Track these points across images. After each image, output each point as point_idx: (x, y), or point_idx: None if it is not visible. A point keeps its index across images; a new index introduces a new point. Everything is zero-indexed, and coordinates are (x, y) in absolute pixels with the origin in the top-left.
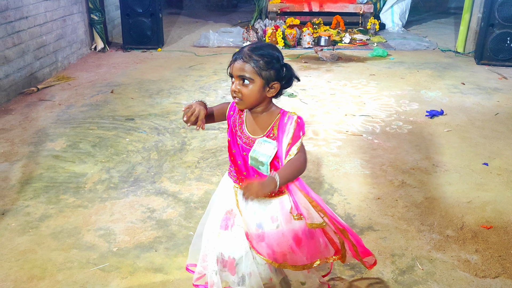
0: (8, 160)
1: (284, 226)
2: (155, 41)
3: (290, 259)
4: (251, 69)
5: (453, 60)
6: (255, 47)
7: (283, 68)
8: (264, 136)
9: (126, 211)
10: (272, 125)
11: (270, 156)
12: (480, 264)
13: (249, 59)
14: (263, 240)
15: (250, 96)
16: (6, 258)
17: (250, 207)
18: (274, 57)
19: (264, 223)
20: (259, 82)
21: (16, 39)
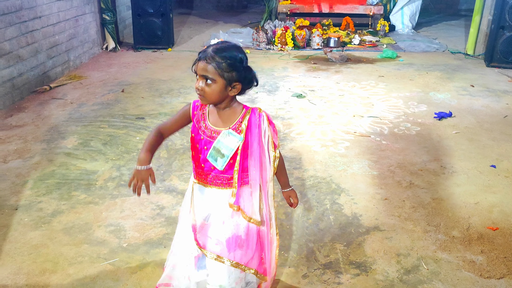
0: (21, 157)
1: (229, 218)
2: (165, 41)
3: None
4: (214, 71)
5: (463, 62)
6: (220, 48)
7: (245, 71)
8: (230, 129)
9: (136, 208)
10: (238, 119)
11: (233, 150)
12: (485, 265)
13: (212, 60)
14: (204, 228)
15: (212, 95)
16: (19, 252)
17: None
18: (237, 59)
19: (213, 213)
20: (221, 83)
21: (29, 39)
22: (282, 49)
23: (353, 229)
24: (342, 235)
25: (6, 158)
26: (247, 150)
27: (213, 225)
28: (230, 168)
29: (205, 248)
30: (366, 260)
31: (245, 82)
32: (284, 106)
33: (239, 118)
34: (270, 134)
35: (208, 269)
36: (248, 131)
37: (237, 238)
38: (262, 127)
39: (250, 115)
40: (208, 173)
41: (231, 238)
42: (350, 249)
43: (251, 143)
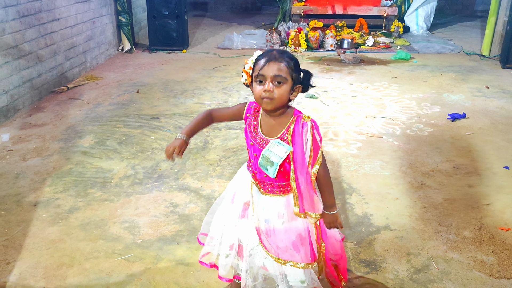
0: (40, 155)
1: (288, 223)
2: (180, 43)
3: (292, 256)
4: (286, 70)
5: (478, 64)
6: (282, 50)
7: (305, 73)
8: (278, 138)
9: (150, 206)
10: (286, 128)
11: (282, 158)
12: (496, 265)
13: (283, 60)
14: (270, 235)
15: (282, 97)
16: (37, 247)
17: (261, 203)
18: (298, 62)
19: (272, 219)
20: (290, 83)
21: (48, 40)
22: (296, 50)
23: (363, 228)
24: (353, 234)
25: (25, 156)
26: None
27: (275, 230)
28: (283, 177)
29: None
30: (376, 258)
31: (306, 84)
32: (297, 106)
33: (287, 127)
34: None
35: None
36: (292, 141)
37: (300, 236)
38: (304, 137)
39: (295, 124)
40: (262, 181)
41: (295, 240)
42: (361, 248)
43: (295, 152)
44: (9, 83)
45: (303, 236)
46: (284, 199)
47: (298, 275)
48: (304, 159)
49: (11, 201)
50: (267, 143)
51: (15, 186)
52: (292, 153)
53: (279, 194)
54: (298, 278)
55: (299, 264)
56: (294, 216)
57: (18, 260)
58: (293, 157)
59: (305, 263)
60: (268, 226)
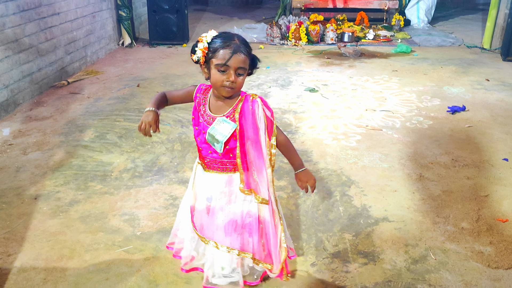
0: (41, 149)
1: (225, 203)
2: (180, 37)
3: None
4: (247, 61)
5: (479, 57)
6: (242, 38)
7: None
8: (224, 116)
9: (149, 198)
10: (233, 106)
11: (226, 136)
12: (493, 255)
13: (246, 52)
14: (207, 213)
15: (241, 85)
16: (38, 239)
17: (203, 181)
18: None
19: (214, 196)
20: (246, 72)
21: (48, 34)
22: (296, 44)
23: (362, 220)
24: (351, 226)
25: (26, 150)
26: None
27: (214, 212)
28: (227, 154)
29: (202, 234)
30: (374, 250)
31: (253, 68)
32: (297, 100)
33: (234, 105)
34: (264, 120)
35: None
36: (241, 118)
37: (233, 223)
38: (256, 114)
39: (243, 102)
40: (205, 157)
41: (227, 224)
42: (359, 239)
43: (246, 129)
44: (9, 78)
45: (238, 223)
46: (226, 177)
47: (221, 260)
48: (258, 135)
49: (12, 194)
50: (214, 120)
51: (16, 180)
52: (239, 131)
53: (221, 171)
54: (220, 264)
55: (221, 247)
56: (233, 198)
57: (19, 252)
58: (239, 134)
59: (227, 246)
60: (210, 204)
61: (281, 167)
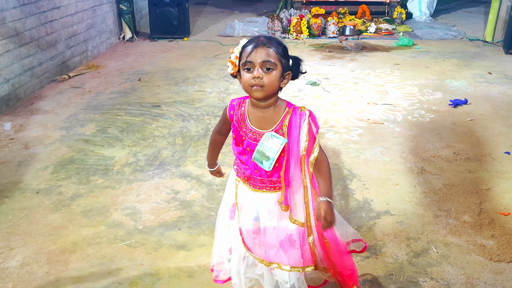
0: (42, 144)
1: (278, 221)
2: (181, 31)
3: (278, 257)
4: (275, 55)
5: (481, 50)
6: (269, 37)
7: (294, 59)
8: (273, 131)
9: (151, 192)
10: (281, 120)
11: (277, 152)
12: (495, 249)
13: (271, 45)
14: (259, 233)
15: (273, 83)
16: (40, 233)
17: (250, 201)
18: (286, 47)
19: (261, 215)
20: (280, 69)
21: (49, 29)
22: (297, 38)
23: (364, 214)
24: (353, 219)
25: (27, 144)
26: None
27: (266, 231)
28: (276, 172)
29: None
30: (376, 243)
31: (296, 71)
32: (298, 94)
33: (282, 118)
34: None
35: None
36: (289, 133)
37: (289, 238)
38: (301, 128)
39: (291, 115)
40: (251, 177)
41: (283, 240)
42: (361, 233)
43: (291, 145)
44: (10, 72)
45: (293, 238)
46: (275, 196)
47: (284, 275)
48: (299, 150)
49: (14, 189)
50: (261, 136)
51: (17, 174)
52: (287, 145)
53: (270, 190)
54: (283, 278)
55: (285, 267)
56: (284, 215)
57: (21, 246)
58: (287, 149)
59: (291, 265)
60: (257, 224)
61: None
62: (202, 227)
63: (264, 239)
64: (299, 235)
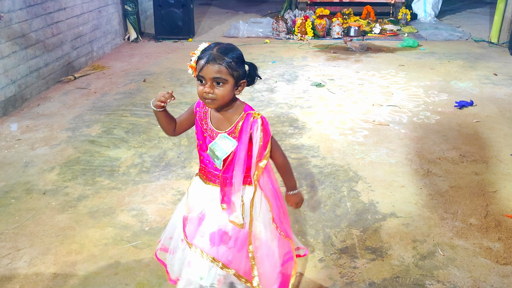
0: (48, 144)
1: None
2: (186, 32)
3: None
4: (225, 71)
5: (486, 51)
6: (223, 48)
7: (250, 66)
8: (226, 133)
9: (157, 194)
10: (235, 123)
11: (226, 153)
12: (502, 251)
13: (223, 61)
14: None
15: (224, 96)
16: (47, 234)
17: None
18: (241, 56)
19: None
20: (231, 82)
21: (55, 30)
22: (302, 39)
23: (369, 216)
24: (359, 221)
25: (33, 145)
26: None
27: (204, 220)
28: (228, 169)
29: (190, 240)
30: (382, 245)
31: (250, 78)
32: (303, 95)
33: (235, 123)
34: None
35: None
36: (239, 137)
37: (223, 234)
38: (254, 135)
39: (244, 121)
40: (209, 171)
41: (216, 232)
42: (366, 235)
43: (239, 149)
44: (16, 73)
45: (229, 235)
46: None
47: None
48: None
49: (21, 189)
50: (217, 135)
51: (24, 175)
52: (236, 148)
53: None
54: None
55: (205, 255)
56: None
57: (28, 247)
58: (234, 152)
59: (213, 256)
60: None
61: None
62: None
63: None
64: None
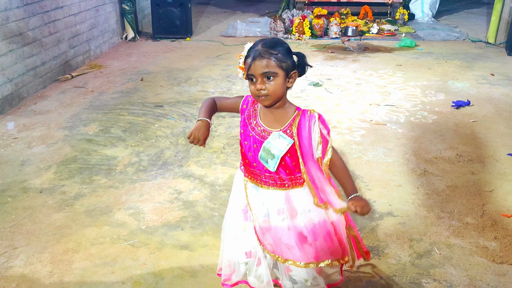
0: (45, 143)
1: (289, 220)
2: (184, 31)
3: (293, 254)
4: (274, 64)
5: (484, 51)
6: (268, 42)
7: (298, 56)
8: (281, 131)
9: (154, 192)
10: (290, 121)
11: (283, 151)
12: (498, 250)
13: (269, 55)
14: (270, 230)
15: (277, 90)
16: (43, 232)
17: (260, 198)
18: (287, 47)
19: (271, 213)
20: (282, 75)
21: (52, 28)
22: (300, 38)
23: (366, 215)
24: (356, 220)
25: (30, 144)
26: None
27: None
28: (283, 169)
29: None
30: (379, 244)
31: (300, 67)
32: (301, 94)
33: (291, 120)
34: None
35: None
36: (299, 134)
37: (300, 236)
38: (312, 130)
39: (300, 117)
40: (261, 174)
41: (296, 238)
42: (363, 234)
43: (303, 146)
44: (13, 71)
45: (304, 235)
46: (284, 194)
47: (301, 273)
48: (312, 152)
49: (17, 188)
50: (269, 134)
51: (21, 173)
52: (299, 146)
53: (279, 187)
54: (301, 276)
55: (299, 263)
56: (293, 214)
57: (25, 246)
58: (300, 150)
59: (304, 262)
60: (268, 221)
61: None
62: (205, 227)
63: (276, 237)
64: (310, 231)
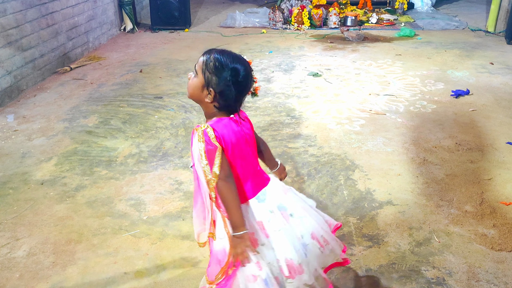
0: (45, 135)
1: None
2: (182, 22)
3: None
4: (200, 64)
5: (483, 40)
6: (223, 51)
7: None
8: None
9: (155, 183)
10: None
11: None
12: (496, 238)
13: (206, 56)
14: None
15: (189, 88)
16: (46, 224)
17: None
18: (228, 68)
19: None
20: (200, 79)
21: (49, 20)
22: (299, 29)
23: (366, 204)
24: (355, 209)
25: (30, 136)
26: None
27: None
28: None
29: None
30: (379, 233)
31: (221, 94)
32: (300, 85)
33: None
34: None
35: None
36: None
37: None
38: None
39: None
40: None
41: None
42: (363, 223)
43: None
44: (12, 64)
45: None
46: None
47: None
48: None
49: (18, 180)
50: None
51: (22, 165)
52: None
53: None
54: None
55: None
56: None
57: (27, 237)
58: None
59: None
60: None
61: (285, 152)
62: None
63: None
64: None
